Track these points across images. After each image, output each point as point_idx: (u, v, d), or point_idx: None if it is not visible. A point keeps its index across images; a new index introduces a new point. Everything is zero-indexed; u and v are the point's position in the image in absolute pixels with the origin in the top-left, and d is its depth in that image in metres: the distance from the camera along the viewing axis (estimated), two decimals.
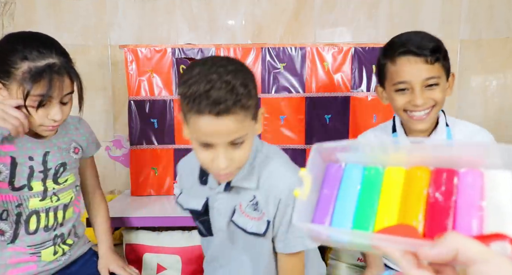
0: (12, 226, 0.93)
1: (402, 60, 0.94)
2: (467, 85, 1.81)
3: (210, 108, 0.68)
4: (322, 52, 1.56)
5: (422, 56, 0.92)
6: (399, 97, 0.97)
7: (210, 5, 1.81)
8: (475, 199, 0.37)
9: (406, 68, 0.93)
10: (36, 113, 0.87)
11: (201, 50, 1.57)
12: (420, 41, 0.94)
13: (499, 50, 1.79)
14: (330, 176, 0.44)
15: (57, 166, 0.98)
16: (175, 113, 1.60)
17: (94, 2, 1.81)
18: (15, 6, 1.81)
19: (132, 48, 1.57)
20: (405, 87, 0.95)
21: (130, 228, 1.45)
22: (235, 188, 0.86)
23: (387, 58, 0.98)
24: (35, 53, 0.85)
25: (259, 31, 1.81)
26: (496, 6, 1.77)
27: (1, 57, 0.86)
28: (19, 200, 0.93)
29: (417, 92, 0.93)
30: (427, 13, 1.79)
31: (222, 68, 0.71)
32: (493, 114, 1.82)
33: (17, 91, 0.85)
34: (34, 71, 0.83)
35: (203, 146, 0.76)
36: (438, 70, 0.94)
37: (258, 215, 0.84)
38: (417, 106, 0.94)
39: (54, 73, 0.85)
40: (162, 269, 1.40)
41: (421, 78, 0.93)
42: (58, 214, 0.99)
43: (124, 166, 1.87)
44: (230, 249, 0.93)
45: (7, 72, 0.85)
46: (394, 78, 0.96)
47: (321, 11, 1.80)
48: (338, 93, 1.58)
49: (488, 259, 0.32)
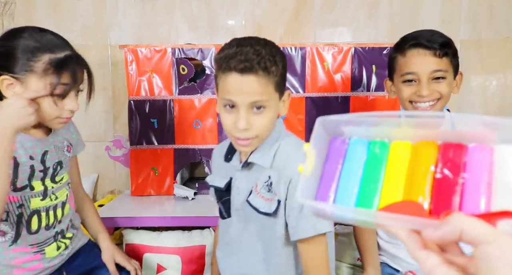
0: (13, 226, 0.92)
1: (412, 52, 0.99)
2: (467, 85, 1.81)
3: (235, 64, 0.77)
4: (322, 52, 1.56)
5: (431, 49, 0.96)
6: (406, 88, 1.00)
7: (210, 5, 1.81)
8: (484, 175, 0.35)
9: (415, 59, 0.98)
10: (57, 104, 0.88)
11: (201, 50, 1.57)
12: (431, 36, 0.99)
13: (499, 50, 1.79)
14: (334, 149, 0.43)
15: (55, 164, 0.99)
16: (175, 113, 1.60)
17: (94, 2, 1.81)
18: (15, 6, 1.81)
19: (132, 48, 1.57)
20: (413, 78, 0.99)
21: (130, 228, 1.45)
22: (252, 166, 0.89)
23: (398, 51, 1.03)
24: (53, 45, 0.87)
25: (259, 31, 1.80)
26: (496, 6, 1.77)
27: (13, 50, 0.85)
28: (20, 201, 0.92)
29: (424, 83, 0.97)
30: (427, 13, 1.79)
31: (255, 40, 0.82)
32: (493, 114, 1.82)
33: (40, 85, 0.85)
34: (56, 62, 0.85)
35: (228, 107, 0.82)
36: (446, 64, 0.98)
37: (271, 196, 0.85)
38: (423, 97, 0.97)
39: (75, 64, 0.89)
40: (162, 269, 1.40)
41: (428, 70, 0.97)
42: (57, 212, 1.00)
43: (124, 166, 1.87)
44: (243, 231, 0.93)
45: (24, 65, 0.84)
46: (402, 69, 1.00)
47: (321, 11, 1.80)
48: (338, 93, 1.58)
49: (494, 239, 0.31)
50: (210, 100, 1.59)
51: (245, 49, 0.79)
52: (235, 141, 0.84)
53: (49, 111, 0.88)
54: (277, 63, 0.81)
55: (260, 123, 0.81)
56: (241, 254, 0.95)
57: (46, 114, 0.89)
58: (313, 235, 0.83)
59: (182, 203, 1.53)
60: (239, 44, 0.81)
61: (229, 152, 0.94)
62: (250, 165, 0.89)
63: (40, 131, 0.98)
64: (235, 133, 0.82)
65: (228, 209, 0.95)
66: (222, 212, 0.98)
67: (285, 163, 0.84)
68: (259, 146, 0.87)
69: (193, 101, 1.60)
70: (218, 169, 0.99)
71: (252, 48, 0.79)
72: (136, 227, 1.45)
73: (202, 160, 1.62)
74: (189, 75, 1.59)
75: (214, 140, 1.61)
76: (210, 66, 1.57)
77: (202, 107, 1.60)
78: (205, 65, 1.57)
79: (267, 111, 0.81)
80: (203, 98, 1.59)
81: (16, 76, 0.85)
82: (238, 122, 0.79)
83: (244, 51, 0.78)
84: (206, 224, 1.41)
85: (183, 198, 1.57)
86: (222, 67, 0.79)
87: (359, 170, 0.41)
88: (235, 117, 0.80)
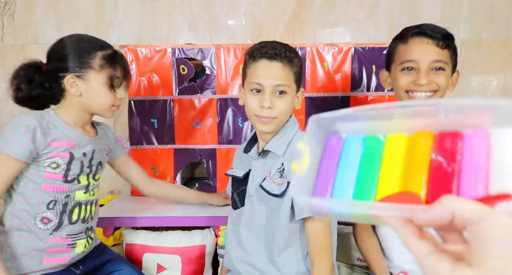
0: (57, 215, 1.01)
1: (414, 40, 0.98)
2: (467, 85, 1.81)
3: (266, 51, 0.93)
4: (322, 52, 1.56)
5: (435, 39, 0.96)
6: (404, 76, 1.00)
7: (210, 5, 1.81)
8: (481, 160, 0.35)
9: (417, 47, 0.97)
10: (113, 94, 1.03)
11: (201, 50, 1.57)
12: (434, 27, 0.99)
13: (499, 50, 1.79)
14: (330, 148, 0.43)
15: (97, 163, 1.10)
16: (175, 113, 1.60)
17: (94, 2, 1.81)
18: (15, 6, 1.81)
19: (132, 48, 1.57)
20: (412, 67, 0.99)
21: (130, 228, 1.45)
22: (267, 154, 1.00)
23: (399, 39, 1.03)
24: (100, 44, 1.03)
25: (259, 31, 1.81)
26: (496, 6, 1.77)
27: (73, 53, 1.00)
28: (68, 192, 1.02)
29: (423, 71, 0.96)
30: (427, 13, 1.79)
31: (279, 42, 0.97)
32: None
33: (98, 78, 1.00)
34: (109, 57, 1.01)
35: (254, 91, 0.95)
36: (446, 56, 0.98)
37: (282, 181, 0.95)
38: (421, 86, 0.97)
39: (120, 59, 1.05)
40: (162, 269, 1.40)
41: (429, 59, 0.96)
42: (92, 208, 1.10)
43: None
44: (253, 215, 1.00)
45: (84, 63, 0.99)
46: (402, 58, 1.00)
47: (321, 11, 1.80)
48: (338, 93, 1.58)
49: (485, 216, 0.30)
50: (210, 100, 1.59)
51: (273, 43, 0.95)
52: (258, 120, 0.96)
53: (108, 101, 1.03)
54: (298, 57, 0.97)
55: (281, 106, 0.94)
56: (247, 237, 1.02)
57: (105, 104, 1.04)
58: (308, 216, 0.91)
59: (182, 203, 1.53)
60: (266, 42, 0.97)
61: (248, 145, 1.06)
62: (266, 153, 1.00)
63: (93, 131, 1.11)
64: (259, 112, 0.95)
65: (242, 198, 1.04)
66: (236, 202, 1.06)
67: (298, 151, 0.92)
68: (275, 136, 0.98)
69: (193, 101, 1.60)
70: (238, 164, 1.12)
71: (278, 43, 0.96)
72: (136, 227, 1.45)
73: (202, 160, 1.62)
74: (189, 75, 1.59)
75: (214, 140, 1.61)
76: (210, 66, 1.57)
77: (202, 107, 1.60)
78: (205, 65, 1.57)
79: (287, 97, 0.95)
80: (203, 98, 1.59)
81: (78, 75, 0.99)
82: (264, 102, 0.93)
83: (272, 44, 0.95)
84: (206, 224, 1.41)
85: None
86: (254, 55, 0.95)
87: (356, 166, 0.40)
88: (260, 99, 0.94)
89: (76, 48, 1.00)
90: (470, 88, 1.80)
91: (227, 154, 1.61)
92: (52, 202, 0.99)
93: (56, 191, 0.99)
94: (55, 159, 0.98)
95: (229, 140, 1.61)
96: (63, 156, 0.99)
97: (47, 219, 0.99)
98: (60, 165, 0.99)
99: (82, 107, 1.04)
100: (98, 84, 1.00)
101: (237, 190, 1.07)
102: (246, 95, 0.99)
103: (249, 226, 1.01)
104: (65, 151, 0.99)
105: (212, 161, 1.62)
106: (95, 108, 1.04)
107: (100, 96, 1.02)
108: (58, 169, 0.99)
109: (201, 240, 1.41)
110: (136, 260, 1.40)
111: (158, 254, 1.40)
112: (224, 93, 1.59)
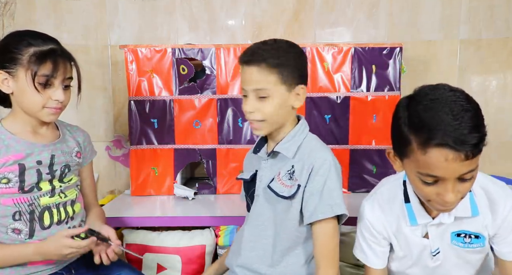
0: (26, 224, 0.98)
1: (436, 153, 0.73)
2: (467, 85, 1.81)
3: (241, 58, 0.94)
4: (322, 52, 1.56)
5: (463, 152, 0.72)
6: (425, 187, 0.79)
7: (210, 5, 1.81)
8: None
9: (441, 164, 0.74)
10: (42, 93, 0.95)
11: (201, 50, 1.57)
12: (462, 132, 0.71)
13: (499, 50, 1.79)
14: None
15: (62, 167, 1.05)
16: (175, 113, 1.60)
17: (94, 2, 1.81)
18: (15, 6, 1.81)
19: (132, 48, 1.57)
20: (434, 181, 0.77)
21: (130, 228, 1.45)
22: (277, 156, 0.99)
23: (414, 138, 0.76)
24: (39, 41, 0.95)
25: (259, 31, 1.81)
26: (496, 6, 1.77)
27: (7, 47, 0.94)
28: (30, 200, 0.98)
29: (449, 187, 0.76)
30: (427, 13, 1.79)
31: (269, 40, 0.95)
32: (493, 114, 1.82)
33: (25, 75, 0.93)
34: (40, 53, 0.93)
35: (243, 97, 0.96)
36: (476, 160, 0.75)
37: (291, 183, 0.94)
38: (447, 203, 0.78)
39: (58, 56, 0.96)
40: (162, 269, 1.40)
41: (456, 175, 0.75)
42: (67, 209, 1.05)
43: (124, 166, 1.87)
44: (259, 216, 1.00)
45: (13, 59, 0.93)
46: (421, 167, 0.77)
47: (321, 11, 1.80)
48: (338, 93, 1.58)
49: None
50: (210, 100, 1.59)
51: (253, 46, 0.94)
52: (251, 125, 0.97)
53: (36, 102, 0.95)
54: (282, 57, 0.92)
55: (265, 109, 0.92)
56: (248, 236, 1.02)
57: (35, 105, 0.96)
58: (330, 217, 0.89)
59: (182, 203, 1.53)
60: (255, 43, 0.96)
61: (258, 145, 1.05)
62: (275, 154, 0.99)
63: (50, 137, 1.05)
64: (247, 117, 0.95)
65: (252, 199, 1.03)
66: (249, 204, 1.05)
67: (309, 154, 0.95)
68: (285, 137, 0.97)
69: (193, 101, 1.60)
70: (248, 166, 1.10)
71: (258, 45, 0.94)
72: (136, 227, 1.45)
73: (202, 160, 1.62)
74: (189, 75, 1.59)
75: (214, 140, 1.61)
76: (210, 66, 1.57)
77: (202, 107, 1.60)
78: (205, 65, 1.57)
79: (270, 99, 0.92)
80: (203, 98, 1.59)
81: (8, 71, 0.94)
82: (245, 106, 0.94)
83: (251, 47, 0.94)
84: (206, 224, 1.41)
85: (183, 198, 1.57)
86: (239, 61, 0.95)
87: None
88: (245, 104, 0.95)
89: (10, 43, 0.95)
90: (470, 88, 1.80)
91: (227, 154, 1.61)
92: (17, 213, 0.96)
93: (17, 203, 0.96)
94: (4, 174, 0.94)
95: (229, 140, 1.61)
96: (12, 169, 0.95)
97: (18, 230, 0.97)
98: (11, 179, 0.95)
99: (23, 110, 0.98)
100: (25, 82, 0.93)
101: (248, 192, 1.06)
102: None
103: (253, 225, 1.01)
104: (14, 163, 0.95)
105: (212, 161, 1.62)
106: (27, 109, 0.97)
107: (27, 95, 0.94)
108: (11, 183, 0.95)
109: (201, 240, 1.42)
110: (136, 260, 1.40)
111: (158, 254, 1.40)
112: (224, 93, 1.59)
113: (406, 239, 0.92)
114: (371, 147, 1.59)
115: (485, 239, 0.87)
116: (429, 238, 0.90)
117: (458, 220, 0.87)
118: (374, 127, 1.57)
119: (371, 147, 1.59)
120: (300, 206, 0.94)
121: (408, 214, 0.90)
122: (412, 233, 0.91)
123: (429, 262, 0.91)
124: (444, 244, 0.89)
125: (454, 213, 0.85)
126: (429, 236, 0.90)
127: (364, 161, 1.60)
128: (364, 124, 1.57)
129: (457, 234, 0.88)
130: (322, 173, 0.91)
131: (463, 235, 0.88)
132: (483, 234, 0.87)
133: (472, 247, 0.88)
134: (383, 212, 0.94)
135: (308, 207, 0.91)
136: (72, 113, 1.22)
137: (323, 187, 0.90)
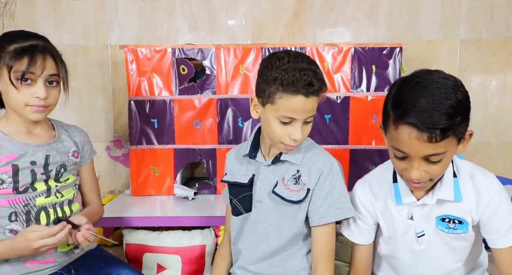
0: (23, 224, 0.97)
1: (404, 130, 0.78)
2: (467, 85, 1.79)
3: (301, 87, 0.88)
4: (322, 52, 1.56)
5: (426, 133, 0.76)
6: (396, 161, 0.86)
7: (210, 5, 1.81)
8: None
9: (406, 140, 0.79)
10: (20, 90, 0.93)
11: (201, 50, 1.57)
12: (432, 115, 0.76)
13: (499, 50, 1.79)
14: None
15: (58, 167, 1.04)
16: (175, 113, 1.60)
17: (94, 2, 1.81)
18: (16, 6, 1.81)
19: (132, 48, 1.57)
20: (403, 156, 0.83)
21: (130, 228, 1.45)
22: (282, 162, 0.98)
23: (392, 114, 0.82)
24: (21, 37, 0.94)
25: (259, 31, 1.81)
26: (496, 6, 1.78)
27: None
28: (25, 201, 0.97)
29: (415, 165, 0.81)
30: (427, 13, 1.79)
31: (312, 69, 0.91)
32: (493, 114, 1.83)
33: (5, 71, 0.91)
34: (18, 49, 0.91)
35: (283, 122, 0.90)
36: (445, 146, 0.78)
37: (297, 188, 0.95)
38: (412, 179, 0.84)
39: (37, 51, 0.93)
40: (162, 269, 1.40)
41: (421, 154, 0.80)
42: (64, 208, 1.04)
43: (124, 166, 1.87)
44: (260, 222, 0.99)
45: None
46: (393, 142, 0.83)
47: (321, 11, 1.80)
48: (338, 93, 1.58)
49: None
50: (210, 100, 1.59)
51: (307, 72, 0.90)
52: (284, 147, 0.93)
53: (17, 99, 0.93)
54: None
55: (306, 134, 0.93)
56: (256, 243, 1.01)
57: (14, 102, 0.94)
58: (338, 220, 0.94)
59: (182, 203, 1.53)
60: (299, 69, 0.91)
61: (253, 150, 1.02)
62: (281, 162, 0.98)
63: (45, 137, 1.03)
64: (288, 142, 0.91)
65: (248, 203, 1.01)
66: (239, 208, 1.02)
67: (314, 159, 0.97)
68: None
69: (193, 101, 1.60)
70: (233, 169, 1.07)
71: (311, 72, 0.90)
72: (136, 227, 1.45)
73: (202, 160, 1.62)
74: (189, 75, 1.59)
75: (214, 140, 1.61)
76: (210, 66, 1.57)
77: (202, 107, 1.60)
78: (205, 65, 1.57)
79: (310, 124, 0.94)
80: (203, 98, 1.59)
81: None
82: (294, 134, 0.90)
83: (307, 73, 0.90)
84: (206, 224, 1.41)
85: (183, 198, 1.58)
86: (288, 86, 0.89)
87: None
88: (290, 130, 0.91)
89: None
90: (470, 88, 1.80)
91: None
92: (13, 213, 0.96)
93: (12, 204, 0.96)
94: None
95: (229, 139, 1.61)
96: (5, 170, 0.94)
97: (14, 231, 0.96)
98: (5, 179, 0.95)
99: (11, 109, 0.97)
100: (7, 79, 0.91)
101: (238, 196, 1.02)
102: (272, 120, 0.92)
103: (253, 230, 1.00)
104: (7, 164, 0.95)
105: (212, 161, 1.62)
106: (13, 108, 0.95)
107: (10, 93, 0.93)
108: (4, 184, 0.95)
109: (201, 240, 1.41)
110: (136, 260, 1.40)
111: (158, 254, 1.40)
112: (224, 93, 1.59)
113: (391, 218, 0.96)
114: (371, 147, 1.59)
115: (468, 225, 0.90)
116: (414, 220, 0.93)
117: (441, 203, 0.90)
118: (374, 128, 1.57)
119: (371, 147, 1.59)
120: (307, 209, 0.95)
121: (394, 193, 0.94)
122: (398, 213, 0.95)
123: (415, 245, 0.94)
124: (429, 227, 0.93)
125: (437, 195, 0.90)
126: (414, 217, 0.93)
127: (364, 161, 1.60)
128: (364, 124, 1.57)
129: (442, 219, 0.91)
130: (331, 177, 0.94)
131: (447, 220, 0.91)
132: (467, 219, 0.89)
133: (456, 233, 0.91)
134: (372, 191, 0.99)
135: (318, 210, 0.94)
136: (72, 113, 1.23)
137: (333, 190, 0.94)
